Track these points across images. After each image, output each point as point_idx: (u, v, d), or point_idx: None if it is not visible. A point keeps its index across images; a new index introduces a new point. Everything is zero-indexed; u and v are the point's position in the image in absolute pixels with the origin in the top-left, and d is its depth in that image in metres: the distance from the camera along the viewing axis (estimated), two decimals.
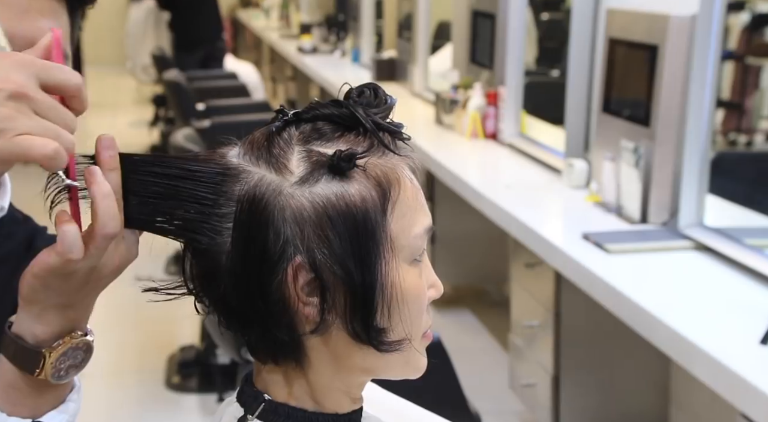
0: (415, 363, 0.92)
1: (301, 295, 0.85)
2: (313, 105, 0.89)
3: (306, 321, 0.86)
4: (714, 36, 2.58)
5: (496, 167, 3.86)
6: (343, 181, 0.84)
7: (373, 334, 0.86)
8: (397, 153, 0.89)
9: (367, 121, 0.87)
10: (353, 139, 0.87)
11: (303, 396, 0.91)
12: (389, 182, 0.86)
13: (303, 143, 0.87)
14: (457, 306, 4.54)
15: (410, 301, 0.88)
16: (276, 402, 0.91)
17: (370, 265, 0.85)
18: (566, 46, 3.42)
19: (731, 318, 2.15)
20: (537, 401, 2.99)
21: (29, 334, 0.86)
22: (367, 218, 0.84)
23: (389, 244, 0.86)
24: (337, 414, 0.92)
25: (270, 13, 11.12)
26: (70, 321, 0.87)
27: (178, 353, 3.97)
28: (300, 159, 0.85)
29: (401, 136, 0.90)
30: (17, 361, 0.87)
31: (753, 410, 1.82)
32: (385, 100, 0.90)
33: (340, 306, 0.85)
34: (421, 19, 5.37)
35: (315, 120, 0.88)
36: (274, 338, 0.87)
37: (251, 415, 0.90)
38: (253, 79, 7.01)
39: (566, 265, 2.60)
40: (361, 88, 0.90)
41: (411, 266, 0.88)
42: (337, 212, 0.84)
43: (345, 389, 0.92)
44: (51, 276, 0.83)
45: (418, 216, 0.89)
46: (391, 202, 0.86)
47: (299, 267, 0.84)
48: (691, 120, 2.63)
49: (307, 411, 0.91)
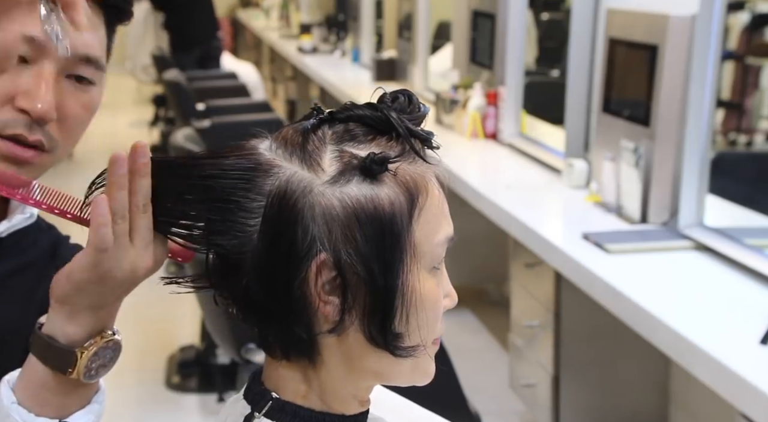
0: (425, 369, 0.93)
1: (322, 294, 0.85)
2: (348, 106, 0.90)
3: (325, 320, 0.86)
4: (714, 36, 2.58)
5: (496, 167, 3.86)
6: (373, 183, 0.85)
7: (390, 338, 0.87)
8: (427, 161, 0.89)
9: (401, 126, 0.88)
10: (385, 143, 0.88)
11: (311, 395, 0.91)
12: (417, 188, 0.87)
13: (336, 143, 0.87)
14: (457, 306, 4.49)
15: (427, 308, 0.89)
16: (283, 401, 0.91)
17: (393, 269, 0.85)
18: (566, 46, 3.42)
19: (731, 318, 2.15)
20: (537, 401, 2.99)
21: (61, 334, 0.89)
22: (393, 222, 0.85)
23: (412, 250, 0.87)
24: (344, 415, 0.93)
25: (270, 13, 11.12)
26: (100, 321, 0.91)
27: (178, 353, 3.97)
28: (333, 158, 0.86)
29: (431, 145, 0.91)
30: (49, 361, 0.90)
31: (753, 410, 1.82)
32: (419, 107, 0.91)
33: (359, 308, 0.86)
34: (421, 19, 5.37)
35: (349, 121, 0.89)
36: (291, 334, 0.88)
37: (258, 413, 0.90)
38: (253, 79, 7.01)
39: (566, 265, 2.60)
40: (395, 93, 0.91)
41: (430, 274, 0.89)
42: (365, 214, 0.84)
43: (353, 391, 0.92)
44: (86, 279, 0.87)
45: (441, 225, 0.90)
46: (418, 208, 0.87)
47: (323, 265, 0.84)
48: (691, 120, 2.64)
49: (314, 411, 0.91)
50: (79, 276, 0.87)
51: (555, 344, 2.86)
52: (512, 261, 3.19)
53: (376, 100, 0.91)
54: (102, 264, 0.86)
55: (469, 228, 4.25)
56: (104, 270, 0.86)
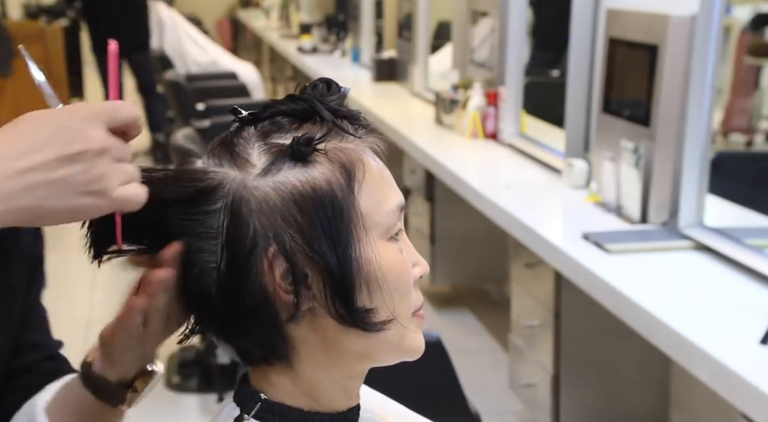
0: (410, 344, 0.92)
1: (282, 284, 0.85)
2: (269, 103, 0.91)
3: (291, 310, 0.87)
4: (714, 36, 2.58)
5: (496, 167, 3.86)
6: (306, 166, 0.86)
7: (357, 315, 0.87)
8: (355, 135, 0.90)
9: (320, 108, 0.89)
10: (311, 128, 0.89)
11: (298, 394, 0.91)
12: (353, 163, 0.88)
13: (262, 138, 0.88)
14: (457, 306, 4.54)
15: (392, 278, 0.88)
16: (272, 402, 0.91)
17: (343, 245, 0.86)
18: (566, 46, 3.42)
19: (731, 318, 2.15)
20: (537, 401, 2.99)
21: (111, 376, 0.95)
22: (334, 199, 0.86)
23: (361, 222, 0.87)
24: (333, 413, 0.93)
25: (270, 13, 11.13)
26: (146, 360, 0.97)
27: (178, 353, 3.97)
28: (260, 152, 0.87)
29: (359, 121, 0.92)
30: (101, 395, 0.96)
31: (753, 410, 1.82)
32: (338, 89, 0.92)
33: (320, 290, 0.86)
34: (421, 19, 5.37)
35: (273, 116, 0.90)
36: (262, 338, 0.88)
37: (247, 415, 0.91)
38: (253, 79, 7.01)
39: (566, 265, 2.60)
40: (314, 82, 0.93)
41: (389, 243, 0.89)
42: (303, 196, 0.85)
43: (341, 381, 0.92)
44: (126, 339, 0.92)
45: (388, 193, 0.90)
46: (358, 181, 0.87)
47: (274, 257, 0.85)
48: (691, 120, 2.63)
49: (303, 410, 0.91)
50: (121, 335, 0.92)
51: (555, 344, 2.86)
52: (512, 261, 3.19)
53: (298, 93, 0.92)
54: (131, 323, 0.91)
55: (469, 228, 4.25)
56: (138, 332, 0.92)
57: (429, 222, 4.31)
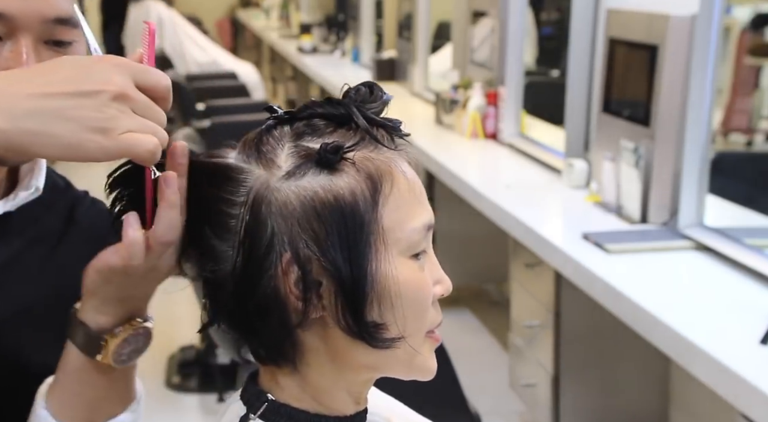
0: (422, 365, 0.90)
1: (294, 290, 0.85)
2: (308, 103, 0.90)
3: (300, 316, 0.86)
4: (714, 36, 2.58)
5: (496, 167, 3.86)
6: (331, 174, 0.85)
7: (365, 329, 0.85)
8: (387, 146, 0.88)
9: (357, 115, 0.88)
10: (345, 134, 0.87)
11: (305, 397, 0.91)
12: (381, 175, 0.86)
13: (294, 140, 0.87)
14: (457, 306, 4.54)
15: (407, 296, 0.87)
16: (278, 403, 0.90)
17: (358, 258, 0.84)
18: (566, 46, 3.42)
19: (731, 318, 2.15)
20: (537, 401, 2.99)
21: (93, 322, 0.92)
22: (356, 211, 0.84)
23: (381, 237, 0.85)
24: (340, 416, 0.92)
25: (270, 13, 11.13)
26: (130, 311, 0.93)
27: (178, 353, 3.97)
28: (289, 154, 0.86)
29: (397, 132, 0.90)
30: (81, 345, 0.93)
31: (753, 410, 1.82)
32: (381, 96, 0.91)
33: (331, 300, 0.85)
34: (421, 19, 5.37)
35: (309, 117, 0.88)
36: (273, 339, 0.88)
37: (253, 414, 0.90)
38: (253, 79, 7.02)
39: (566, 265, 2.60)
40: (357, 86, 0.91)
41: (410, 260, 0.87)
42: (323, 204, 0.84)
43: (348, 387, 0.91)
44: (112, 273, 0.88)
45: (415, 210, 0.88)
46: (383, 194, 0.86)
47: (289, 263, 0.84)
48: (691, 120, 2.63)
49: (309, 413, 0.91)
50: (106, 271, 0.88)
51: (555, 344, 2.86)
52: (512, 261, 3.19)
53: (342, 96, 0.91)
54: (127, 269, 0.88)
55: (469, 228, 4.25)
56: (129, 272, 0.88)
57: None
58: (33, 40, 0.98)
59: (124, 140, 0.78)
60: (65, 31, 1.00)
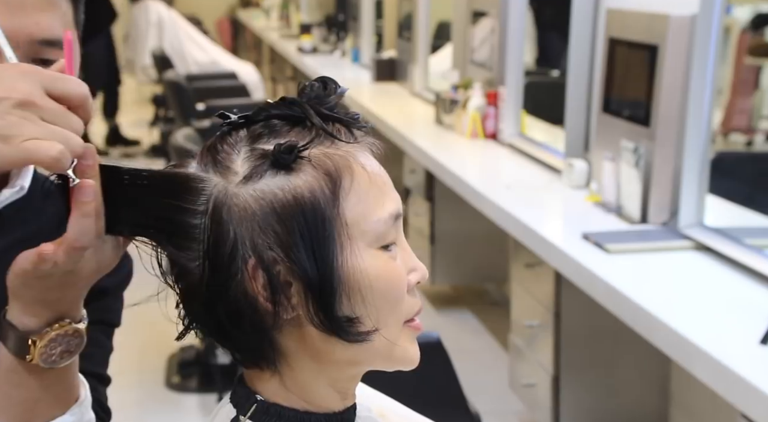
0: (402, 355, 0.90)
1: (263, 293, 0.85)
2: (262, 105, 0.89)
3: (273, 318, 0.86)
4: (714, 36, 2.58)
5: (496, 167, 3.86)
6: (288, 174, 0.84)
7: (338, 324, 0.85)
8: (345, 140, 0.88)
9: (310, 112, 0.87)
10: (301, 132, 0.87)
11: (291, 396, 0.91)
12: (339, 170, 0.86)
13: (250, 143, 0.87)
14: (457, 306, 4.54)
15: (379, 287, 0.86)
16: (268, 403, 0.90)
17: (323, 255, 0.84)
18: (566, 46, 3.42)
19: (731, 318, 2.15)
20: (537, 401, 2.99)
21: (19, 323, 0.89)
22: (316, 208, 0.84)
23: (345, 232, 0.85)
24: (329, 413, 0.92)
25: (270, 13, 11.12)
26: (57, 312, 0.90)
27: (178, 353, 3.97)
28: (245, 158, 0.86)
29: (355, 124, 0.90)
30: (10, 346, 0.90)
31: (753, 410, 1.82)
32: (335, 89, 0.90)
33: (301, 300, 0.85)
34: (421, 19, 5.37)
35: (265, 120, 0.88)
36: (250, 343, 0.88)
37: (243, 415, 0.90)
38: (253, 79, 7.02)
39: (566, 265, 2.60)
40: (310, 82, 0.90)
41: (380, 252, 0.87)
42: (282, 205, 0.84)
43: (332, 384, 0.91)
44: (28, 277, 0.86)
45: (379, 201, 0.88)
46: (344, 189, 0.85)
47: (255, 267, 0.84)
48: (691, 120, 2.63)
49: (298, 411, 0.91)
50: (21, 275, 0.86)
51: (555, 344, 2.86)
52: (512, 261, 3.19)
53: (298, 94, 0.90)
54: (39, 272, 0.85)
55: (469, 228, 4.25)
56: (42, 274, 0.85)
57: (429, 223, 4.32)
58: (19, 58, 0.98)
59: (24, 147, 0.77)
60: (52, 52, 1.01)
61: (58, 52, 1.01)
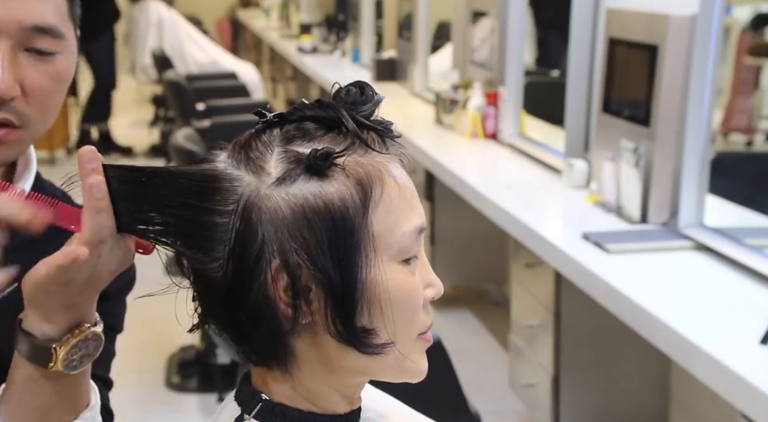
0: (412, 367, 0.90)
1: (283, 297, 0.84)
2: (298, 106, 0.88)
3: (290, 322, 0.85)
4: (714, 36, 2.58)
5: (496, 167, 3.86)
6: (321, 180, 0.84)
7: (355, 335, 0.85)
8: (377, 150, 0.87)
9: (346, 119, 0.86)
10: (335, 138, 0.86)
11: (297, 397, 0.91)
12: (371, 180, 0.85)
13: (284, 144, 0.86)
14: (457, 306, 4.54)
15: (398, 301, 0.86)
16: (273, 402, 0.90)
17: (348, 265, 0.84)
18: (566, 46, 3.42)
19: (731, 318, 2.15)
20: (537, 401, 2.99)
21: (39, 332, 0.90)
22: (346, 217, 0.83)
23: (371, 243, 0.85)
24: (334, 415, 0.92)
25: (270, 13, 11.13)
26: (76, 317, 0.91)
27: (178, 353, 3.97)
28: (278, 160, 0.85)
29: (389, 134, 0.89)
30: (30, 356, 0.91)
31: (753, 410, 1.82)
32: (372, 96, 0.90)
33: (321, 307, 0.85)
34: (421, 19, 5.37)
35: (299, 120, 0.87)
36: (264, 344, 0.88)
37: (248, 415, 0.90)
38: (253, 79, 7.02)
39: (566, 265, 2.60)
40: (348, 86, 0.90)
41: (401, 265, 0.87)
42: (313, 211, 0.83)
43: (340, 389, 0.92)
44: (52, 284, 0.87)
45: (406, 215, 0.87)
46: (374, 200, 0.85)
47: (278, 269, 0.84)
48: (691, 120, 2.63)
49: (302, 412, 0.91)
50: (44, 283, 0.87)
51: (555, 344, 2.86)
52: (512, 261, 3.19)
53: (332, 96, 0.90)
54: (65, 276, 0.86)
55: (469, 228, 4.25)
56: (68, 278, 0.86)
57: (429, 223, 4.31)
58: (12, 45, 0.98)
59: None
60: (46, 41, 1.00)
61: (52, 42, 1.00)
